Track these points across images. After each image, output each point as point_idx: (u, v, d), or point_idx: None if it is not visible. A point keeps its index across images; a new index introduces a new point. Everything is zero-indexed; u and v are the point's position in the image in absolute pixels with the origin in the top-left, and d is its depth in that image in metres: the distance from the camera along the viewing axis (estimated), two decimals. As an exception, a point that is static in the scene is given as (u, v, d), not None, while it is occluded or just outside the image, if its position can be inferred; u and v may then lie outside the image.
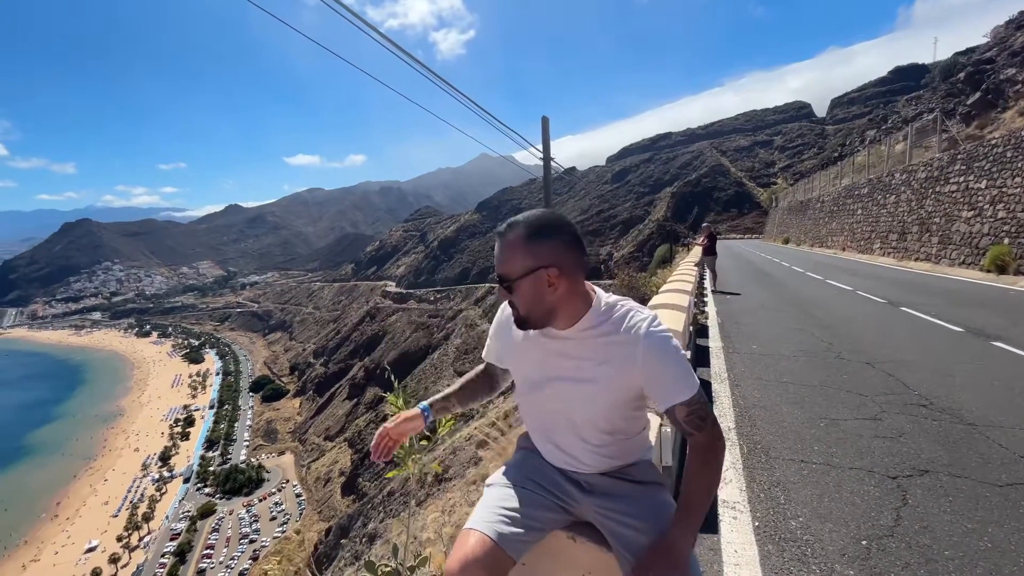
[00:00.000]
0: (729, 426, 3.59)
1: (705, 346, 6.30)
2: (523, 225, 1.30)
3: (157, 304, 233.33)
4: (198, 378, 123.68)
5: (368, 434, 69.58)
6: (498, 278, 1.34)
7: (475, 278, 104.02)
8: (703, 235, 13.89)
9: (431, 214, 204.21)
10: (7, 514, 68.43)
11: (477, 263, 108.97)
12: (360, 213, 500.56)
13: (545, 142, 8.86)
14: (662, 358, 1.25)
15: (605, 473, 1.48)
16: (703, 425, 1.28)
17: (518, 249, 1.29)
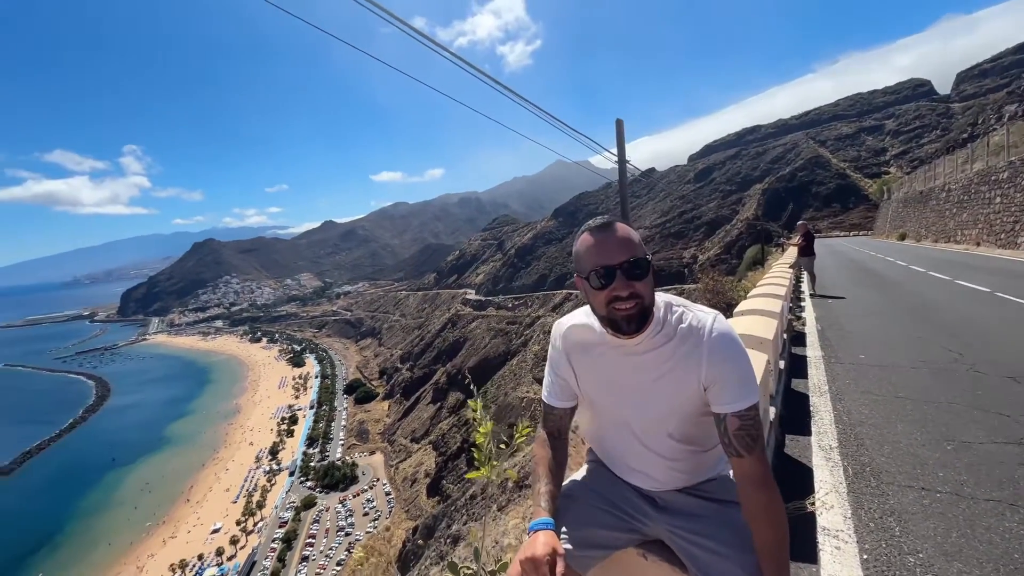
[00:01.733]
0: (831, 444, 3.25)
1: (802, 355, 5.77)
2: (619, 221, 1.30)
3: (266, 313, 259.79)
4: (300, 380, 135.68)
5: (451, 437, 71.92)
6: (631, 265, 1.22)
7: (552, 284, 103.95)
8: (799, 234, 12.77)
9: (508, 222, 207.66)
10: (151, 495, 79.55)
11: (554, 269, 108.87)
12: (441, 224, 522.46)
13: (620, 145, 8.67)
14: (727, 356, 1.21)
15: (681, 490, 1.40)
16: (752, 447, 1.19)
17: (638, 237, 1.26)
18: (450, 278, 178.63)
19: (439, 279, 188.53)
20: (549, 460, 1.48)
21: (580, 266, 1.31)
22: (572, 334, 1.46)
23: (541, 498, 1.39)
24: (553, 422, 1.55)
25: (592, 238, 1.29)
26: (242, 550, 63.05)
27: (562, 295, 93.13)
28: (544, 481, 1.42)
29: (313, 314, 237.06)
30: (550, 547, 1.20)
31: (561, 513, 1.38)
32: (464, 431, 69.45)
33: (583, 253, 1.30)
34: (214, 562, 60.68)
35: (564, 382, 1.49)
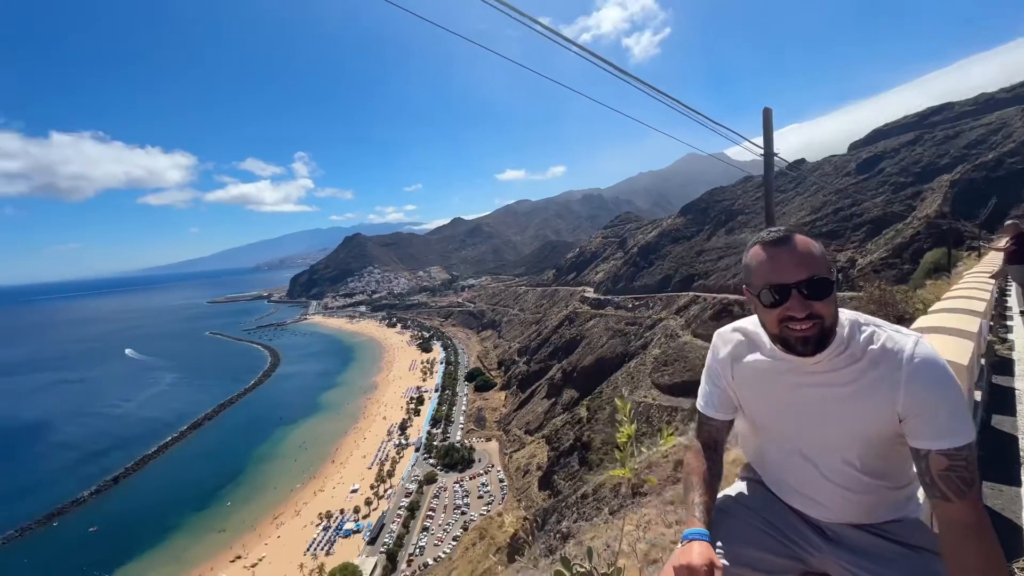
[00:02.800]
0: (1053, 504, 2.56)
1: (1008, 387, 4.64)
2: (799, 231, 1.20)
3: (401, 301, 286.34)
4: (427, 364, 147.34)
5: (564, 434, 72.19)
6: (810, 284, 1.12)
7: (677, 286, 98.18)
8: (1007, 236, 10.27)
9: (631, 220, 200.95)
10: (306, 452, 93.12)
11: (680, 270, 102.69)
12: (562, 221, 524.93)
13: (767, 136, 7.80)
14: (933, 386, 1.08)
15: (857, 525, 1.28)
16: (964, 492, 1.05)
17: (821, 249, 1.17)
18: (569, 275, 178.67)
19: (558, 276, 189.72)
20: (704, 471, 1.40)
21: (750, 281, 1.23)
22: (737, 346, 1.36)
23: (695, 508, 1.32)
24: (709, 433, 1.47)
25: (764, 252, 1.19)
26: (374, 511, 70.74)
27: (688, 297, 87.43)
28: (699, 491, 1.35)
29: (441, 304, 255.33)
30: (707, 558, 1.14)
31: (714, 527, 1.30)
32: (577, 429, 69.20)
33: (754, 268, 1.20)
34: (352, 518, 69.12)
35: (723, 393, 1.42)
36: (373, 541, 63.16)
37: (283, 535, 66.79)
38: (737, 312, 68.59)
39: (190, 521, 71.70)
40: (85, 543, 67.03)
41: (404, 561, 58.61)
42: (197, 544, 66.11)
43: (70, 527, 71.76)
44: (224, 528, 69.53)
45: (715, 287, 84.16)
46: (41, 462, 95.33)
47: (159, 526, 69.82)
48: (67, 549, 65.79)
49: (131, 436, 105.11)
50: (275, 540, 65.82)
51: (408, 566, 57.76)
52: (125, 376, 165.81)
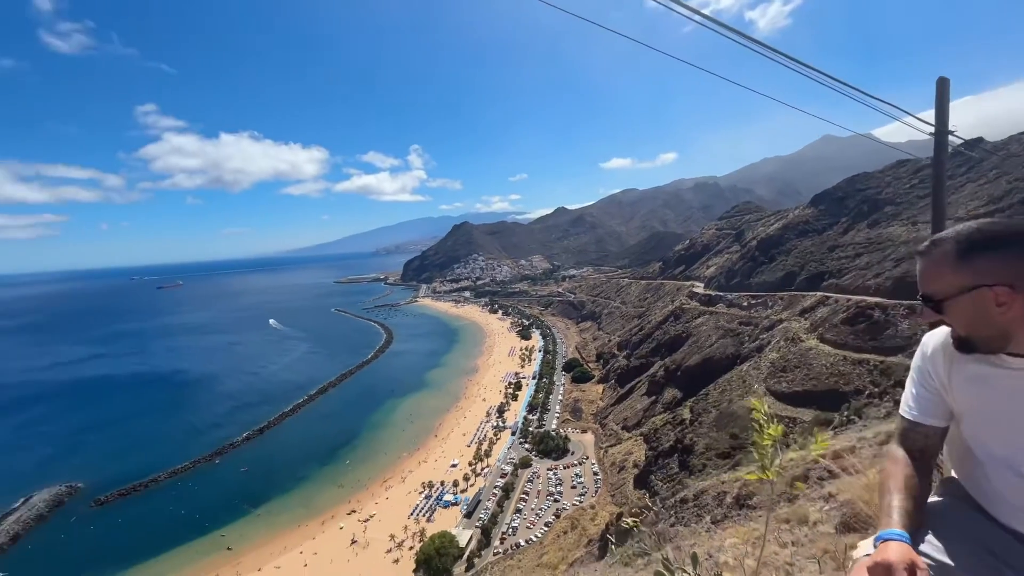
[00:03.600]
0: None
1: None
2: (953, 240, 1.17)
3: (503, 288, 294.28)
4: (526, 352, 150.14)
5: (664, 434, 69.23)
6: (921, 298, 1.20)
7: (803, 285, 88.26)
8: None
9: (750, 210, 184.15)
10: (413, 424, 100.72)
11: (807, 267, 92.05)
12: (671, 211, 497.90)
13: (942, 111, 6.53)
14: None
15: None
16: None
17: (945, 266, 1.16)
18: (676, 269, 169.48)
19: (664, 269, 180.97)
20: (906, 477, 1.29)
21: None
22: (951, 345, 1.29)
23: (893, 511, 1.23)
24: (915, 441, 1.36)
25: (916, 259, 1.24)
26: (471, 487, 74.46)
27: (815, 298, 78.19)
28: (898, 497, 1.26)
29: (541, 293, 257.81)
30: (908, 559, 1.07)
31: (921, 541, 1.21)
32: (678, 430, 65.93)
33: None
34: (451, 490, 73.51)
35: (936, 397, 1.33)
36: (469, 515, 66.63)
37: (391, 497, 73.31)
38: (878, 317, 59.80)
39: (316, 473, 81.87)
40: (237, 480, 80.00)
41: (497, 538, 61.00)
42: (321, 494, 75.32)
43: (227, 466, 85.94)
44: (343, 484, 78.26)
45: (851, 287, 73.94)
46: (209, 408, 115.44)
47: (292, 475, 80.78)
48: (224, 483, 79.05)
49: (273, 394, 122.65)
50: (384, 501, 72.49)
51: (501, 543, 60.02)
52: (269, 342, 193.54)
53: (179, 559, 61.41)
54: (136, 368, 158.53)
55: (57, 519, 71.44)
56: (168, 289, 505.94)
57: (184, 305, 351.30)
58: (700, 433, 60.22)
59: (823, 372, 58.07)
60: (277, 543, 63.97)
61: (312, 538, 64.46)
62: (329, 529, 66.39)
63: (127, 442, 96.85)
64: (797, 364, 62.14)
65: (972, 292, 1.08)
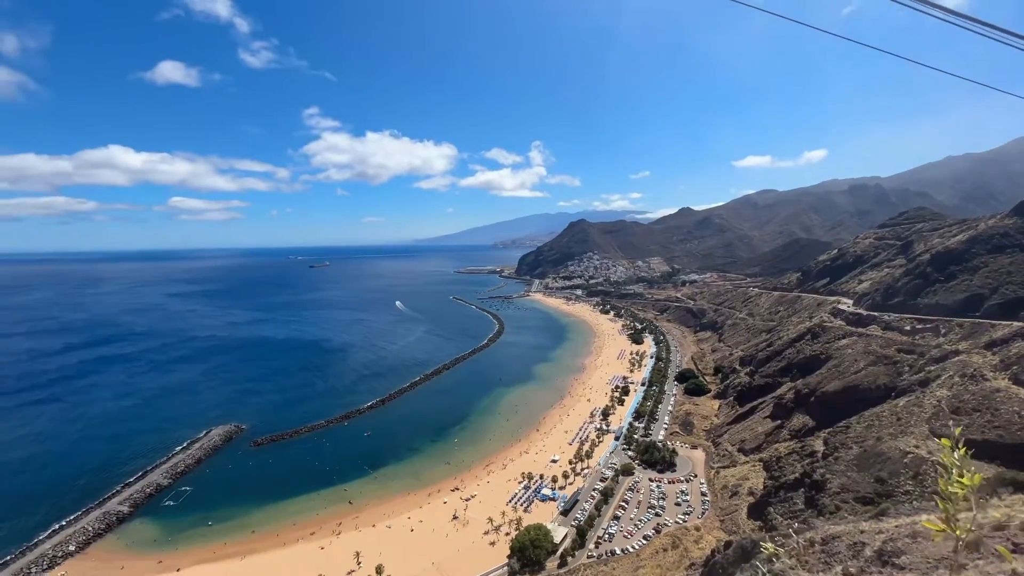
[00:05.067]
0: None
1: None
2: None
3: (616, 289, 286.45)
4: (636, 356, 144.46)
5: (788, 464, 61.94)
6: None
7: (993, 311, 72.40)
8: None
9: (924, 218, 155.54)
10: (517, 415, 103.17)
11: (1002, 289, 75.26)
12: (817, 216, 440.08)
13: None
14: None
15: None
16: None
17: None
18: (819, 281, 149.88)
19: (803, 280, 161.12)
20: None
21: None
22: None
23: None
24: None
25: None
26: (570, 485, 74.12)
27: (1010, 329, 63.54)
28: None
29: (657, 297, 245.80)
30: None
31: None
32: (807, 463, 58.44)
33: None
34: (549, 485, 73.92)
35: None
36: (566, 513, 66.43)
37: (492, 482, 76.06)
38: (1106, 360, 46.70)
39: (427, 448, 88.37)
40: (361, 442, 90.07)
41: (592, 541, 59.97)
42: (430, 468, 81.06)
43: (354, 429, 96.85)
44: (449, 461, 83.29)
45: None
46: (344, 375, 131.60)
47: (406, 446, 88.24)
48: (351, 444, 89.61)
49: (396, 368, 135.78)
50: (485, 484, 75.50)
51: (596, 547, 58.92)
52: (395, 322, 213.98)
53: (311, 503, 71.10)
54: (290, 333, 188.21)
55: (227, 452, 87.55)
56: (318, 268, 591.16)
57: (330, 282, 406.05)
58: (835, 470, 52.63)
59: (1014, 421, 46.98)
60: (389, 505, 70.47)
61: (419, 507, 69.65)
62: (434, 501, 71.13)
63: (280, 396, 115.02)
64: (977, 407, 51.19)
65: None
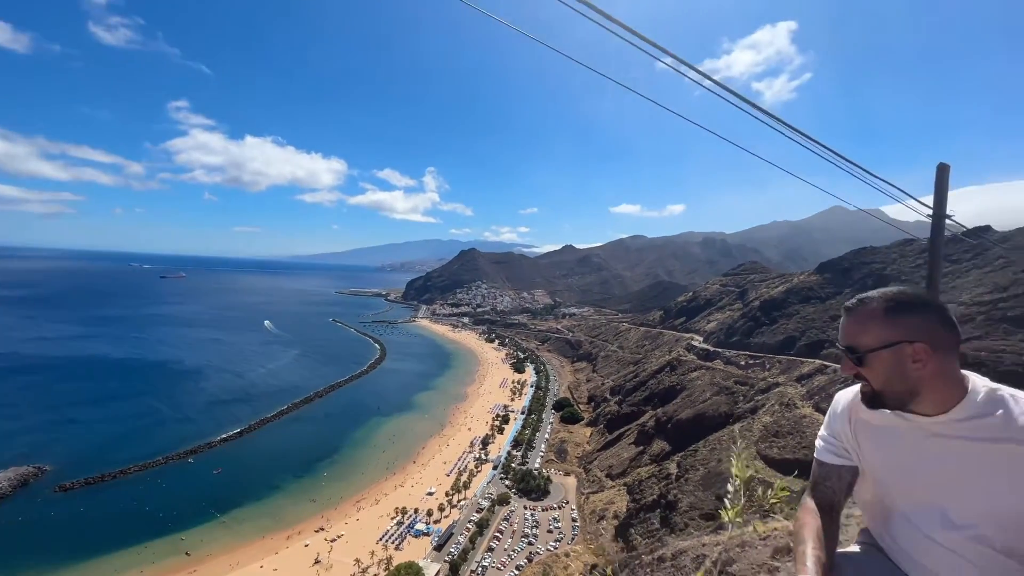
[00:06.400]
0: None
1: None
2: (880, 300, 1.26)
3: (502, 318, 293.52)
4: (518, 385, 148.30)
5: (648, 487, 67.52)
6: (845, 349, 1.28)
7: (802, 350, 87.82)
8: None
9: (756, 270, 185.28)
10: (395, 446, 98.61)
11: (808, 333, 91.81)
12: (677, 262, 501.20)
13: (939, 195, 6.72)
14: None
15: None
16: None
17: (874, 322, 1.24)
18: (677, 319, 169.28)
19: (665, 318, 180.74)
20: (818, 528, 1.37)
21: None
22: (856, 399, 1.42)
23: (807, 558, 1.29)
24: (824, 494, 1.45)
25: (842, 315, 1.35)
26: (445, 518, 72.22)
27: (813, 365, 77.65)
28: (811, 545, 1.32)
29: (540, 328, 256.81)
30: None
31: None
32: (663, 484, 64.33)
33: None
34: (424, 519, 71.27)
35: (844, 452, 1.45)
36: (440, 547, 64.35)
37: (362, 519, 71.06)
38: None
39: (290, 485, 79.74)
40: (209, 482, 77.99)
41: (465, 575, 58.67)
42: (292, 507, 73.15)
43: (201, 466, 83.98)
44: (315, 499, 76.11)
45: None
46: (191, 403, 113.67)
47: (265, 483, 78.68)
48: (195, 484, 77.08)
49: (257, 397, 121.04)
50: (354, 522, 70.27)
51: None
52: (263, 343, 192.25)
53: (133, 558, 59.28)
54: (124, 353, 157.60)
55: (18, 500, 69.53)
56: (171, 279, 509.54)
57: (184, 296, 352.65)
58: (685, 490, 58.73)
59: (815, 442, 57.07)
60: (238, 554, 61.77)
61: (275, 552, 62.20)
62: (294, 545, 64.13)
63: (103, 428, 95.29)
64: (790, 431, 61.14)
65: (894, 347, 1.17)
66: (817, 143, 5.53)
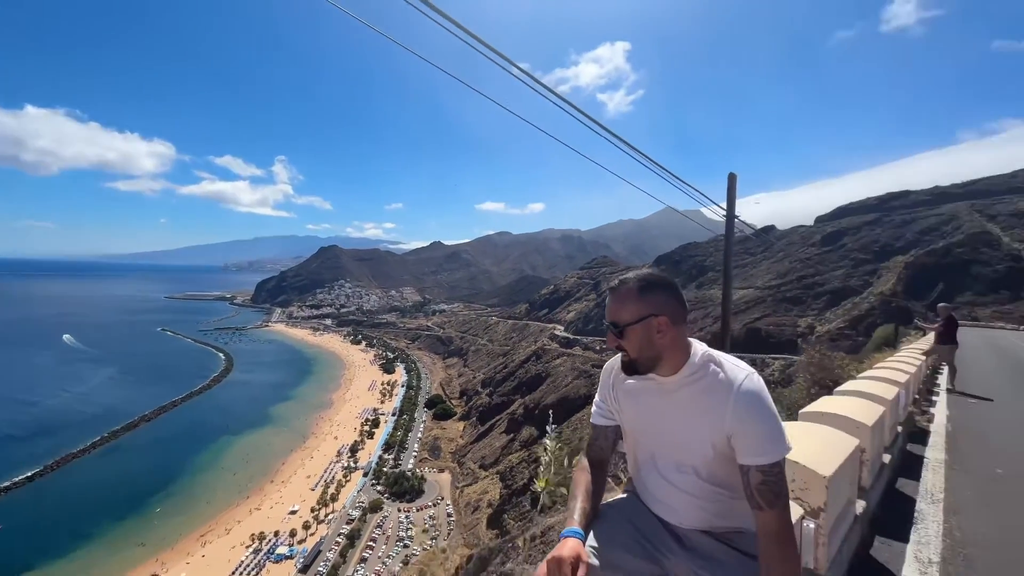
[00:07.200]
0: (930, 558, 2.82)
1: (919, 455, 5.03)
2: (635, 280, 1.50)
3: (369, 318, 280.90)
4: (388, 386, 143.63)
5: (519, 472, 70.90)
6: (610, 325, 1.49)
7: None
8: (940, 318, 11.13)
9: (607, 264, 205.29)
10: (249, 467, 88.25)
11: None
12: (540, 257, 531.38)
13: (730, 200, 8.39)
14: (751, 413, 1.34)
15: (708, 532, 1.50)
16: (775, 502, 1.31)
17: (631, 299, 1.46)
18: (542, 311, 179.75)
19: (530, 310, 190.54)
20: (588, 483, 1.62)
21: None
22: (620, 367, 1.63)
23: (575, 511, 1.53)
24: (596, 452, 1.72)
25: (608, 295, 1.57)
26: (311, 536, 67.05)
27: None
28: (580, 499, 1.57)
29: (409, 326, 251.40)
30: (575, 552, 1.31)
31: (593, 532, 1.49)
32: (532, 468, 68.14)
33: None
34: (286, 541, 65.23)
35: (610, 411, 1.70)
36: (306, 569, 59.63)
37: (208, 554, 62.36)
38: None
39: (108, 530, 66.24)
40: (-16, 545, 60.96)
41: (336, 593, 55.38)
42: (111, 557, 60.93)
43: (-30, 525, 65.30)
44: (145, 542, 64.43)
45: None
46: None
47: (72, 533, 64.33)
48: (-38, 550, 59.63)
49: (60, 429, 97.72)
50: (199, 559, 61.37)
51: (340, 599, 54.56)
52: (61, 363, 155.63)
53: None
54: None
55: None
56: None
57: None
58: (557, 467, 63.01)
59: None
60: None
61: (91, 614, 51.52)
62: (117, 600, 53.80)
63: None
64: (637, 405, 69.39)
65: (645, 320, 1.43)
66: (642, 153, 6.50)
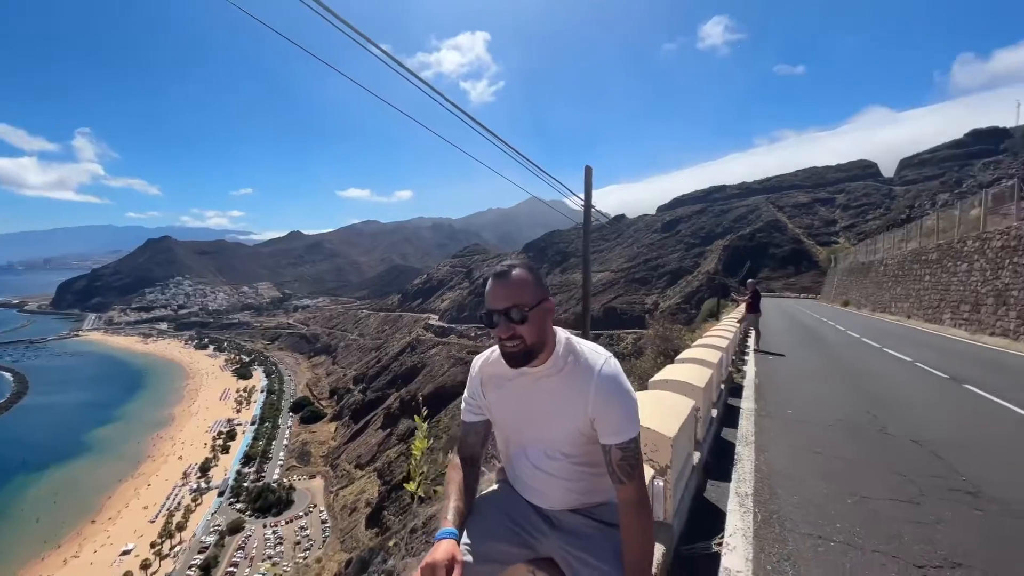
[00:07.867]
0: (746, 491, 3.43)
1: (736, 406, 6.05)
2: (524, 265, 1.49)
3: (217, 319, 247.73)
4: (244, 394, 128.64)
5: (398, 466, 69.34)
6: (510, 311, 1.41)
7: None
8: (747, 291, 13.50)
9: (478, 252, 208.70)
10: (59, 508, 72.25)
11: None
12: (411, 247, 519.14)
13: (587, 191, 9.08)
14: (611, 396, 1.40)
15: (574, 511, 1.55)
16: (633, 474, 1.39)
17: (528, 283, 1.43)
18: (414, 301, 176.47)
19: (403, 301, 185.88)
20: (460, 480, 1.60)
21: (484, 304, 1.53)
22: (489, 364, 1.63)
23: (448, 511, 1.51)
24: (466, 448, 1.69)
25: (490, 283, 1.49)
26: (155, 574, 57.70)
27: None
28: (453, 498, 1.54)
29: (267, 325, 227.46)
30: (449, 554, 1.30)
31: (468, 527, 1.48)
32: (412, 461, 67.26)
33: (485, 294, 1.51)
34: (119, 587, 55.16)
35: (478, 406, 1.66)
36: (148, 613, 51.29)
37: (5, 624, 50.08)
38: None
39: None
40: None
41: (190, 632, 48.71)
42: None
43: None
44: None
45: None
46: None
47: None
48: None
49: None
50: (-10, 632, 48.94)
51: (195, 638, 48.14)
52: None
53: None
54: None
55: None
56: None
57: None
58: (431, 460, 62.85)
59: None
60: None
61: None
62: None
63: None
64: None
65: (542, 303, 1.44)
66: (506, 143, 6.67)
